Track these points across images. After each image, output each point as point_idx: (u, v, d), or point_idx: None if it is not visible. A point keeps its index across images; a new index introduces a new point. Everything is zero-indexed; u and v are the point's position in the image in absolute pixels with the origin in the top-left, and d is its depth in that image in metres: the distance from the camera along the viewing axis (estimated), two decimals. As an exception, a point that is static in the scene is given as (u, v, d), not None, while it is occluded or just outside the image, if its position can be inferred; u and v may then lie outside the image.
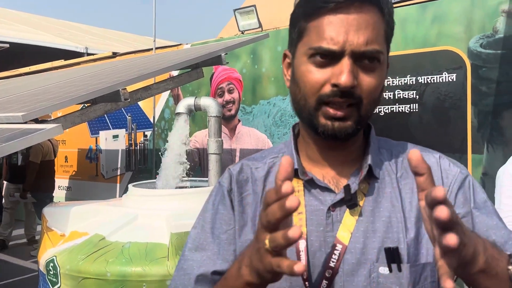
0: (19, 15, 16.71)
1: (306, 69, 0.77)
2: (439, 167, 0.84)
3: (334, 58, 0.74)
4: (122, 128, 6.21)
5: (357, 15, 0.74)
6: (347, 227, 0.78)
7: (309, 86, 0.76)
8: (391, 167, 0.84)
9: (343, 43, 0.73)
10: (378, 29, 0.76)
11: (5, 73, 7.86)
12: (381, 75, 0.78)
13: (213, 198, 0.89)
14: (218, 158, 2.64)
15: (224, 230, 0.85)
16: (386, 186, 0.82)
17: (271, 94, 4.78)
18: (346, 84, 0.72)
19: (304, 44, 0.77)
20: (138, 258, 1.79)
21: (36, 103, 2.74)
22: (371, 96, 0.76)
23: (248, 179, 0.87)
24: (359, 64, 0.74)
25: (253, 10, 5.03)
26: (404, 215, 0.80)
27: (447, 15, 3.71)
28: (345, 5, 0.74)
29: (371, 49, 0.74)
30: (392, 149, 0.87)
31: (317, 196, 0.81)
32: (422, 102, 3.86)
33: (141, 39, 17.77)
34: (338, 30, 0.73)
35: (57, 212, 2.29)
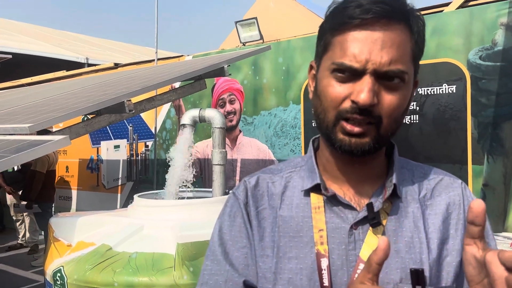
0: (21, 25, 16.80)
1: (328, 83, 0.76)
2: (462, 193, 0.85)
3: (356, 75, 0.73)
4: (124, 139, 6.24)
5: (383, 33, 0.72)
6: (371, 246, 0.77)
7: (330, 100, 0.75)
8: (413, 188, 0.83)
9: (366, 61, 0.72)
10: (404, 48, 0.74)
11: (8, 83, 7.91)
12: (405, 95, 0.76)
13: (229, 210, 0.87)
14: (222, 169, 2.67)
15: (242, 245, 0.83)
16: (408, 206, 0.81)
17: (272, 105, 4.82)
18: (365, 102, 0.71)
19: (328, 58, 0.77)
20: (145, 268, 1.80)
21: (41, 114, 2.77)
22: (392, 116, 0.75)
23: (264, 194, 0.86)
24: (382, 82, 0.73)
25: (254, 22, 5.09)
26: (427, 236, 0.79)
27: (447, 27, 3.76)
28: (371, 22, 0.72)
29: (395, 69, 0.72)
30: (413, 170, 0.87)
31: (339, 213, 0.80)
32: (422, 113, 3.90)
33: (142, 49, 17.87)
34: (361, 48, 0.72)
35: (64, 223, 2.30)
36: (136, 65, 6.28)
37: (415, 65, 0.79)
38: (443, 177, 0.87)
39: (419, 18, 0.78)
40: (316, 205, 0.81)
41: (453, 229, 0.81)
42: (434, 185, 0.85)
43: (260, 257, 0.81)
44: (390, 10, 0.72)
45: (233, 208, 0.86)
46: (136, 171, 6.09)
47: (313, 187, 0.82)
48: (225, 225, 0.86)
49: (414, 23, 0.76)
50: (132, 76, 3.98)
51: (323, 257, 0.77)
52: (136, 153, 6.09)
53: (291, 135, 4.69)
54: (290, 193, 0.84)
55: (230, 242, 0.84)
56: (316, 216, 0.80)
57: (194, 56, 5.54)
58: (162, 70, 3.95)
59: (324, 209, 0.80)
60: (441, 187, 0.85)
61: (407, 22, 0.75)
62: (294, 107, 4.63)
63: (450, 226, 0.81)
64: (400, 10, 0.74)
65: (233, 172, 4.96)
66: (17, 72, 9.20)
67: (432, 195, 0.83)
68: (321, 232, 0.78)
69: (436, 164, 0.93)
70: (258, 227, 0.83)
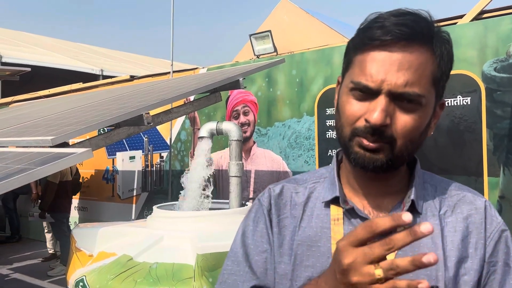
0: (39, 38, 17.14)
1: (346, 100, 0.78)
2: (484, 212, 0.84)
3: (372, 94, 0.75)
4: (139, 150, 6.31)
5: (401, 54, 0.73)
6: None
7: (346, 116, 0.77)
8: (434, 204, 0.83)
9: (381, 82, 0.73)
10: (423, 71, 0.74)
11: (26, 95, 8.06)
12: (422, 117, 0.76)
13: (253, 215, 0.91)
14: (239, 180, 2.70)
15: (263, 249, 0.86)
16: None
17: (286, 117, 4.86)
18: (376, 122, 0.72)
19: (349, 76, 0.79)
20: (165, 279, 1.84)
21: (63, 127, 2.83)
22: (407, 137, 0.75)
23: (286, 203, 0.89)
24: (398, 103, 0.74)
25: (268, 35, 5.16)
26: (445, 253, 0.79)
27: (461, 39, 3.78)
28: (391, 43, 0.73)
29: (411, 91, 0.73)
30: (437, 185, 0.87)
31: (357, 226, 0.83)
32: (437, 125, 3.90)
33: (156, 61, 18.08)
34: (378, 69, 0.73)
35: (85, 233, 2.35)
36: (152, 77, 6.37)
37: (437, 88, 0.78)
38: (466, 193, 0.86)
39: (445, 40, 0.77)
40: (335, 217, 0.83)
41: (473, 248, 0.80)
42: (456, 201, 0.85)
43: (278, 263, 0.84)
44: (410, 33, 0.73)
45: (257, 213, 0.90)
46: (151, 182, 6.15)
47: (333, 199, 0.85)
48: (248, 229, 0.89)
49: (438, 46, 0.76)
50: (149, 89, 4.05)
51: None
52: (151, 164, 6.16)
53: (305, 146, 4.71)
54: (312, 204, 0.87)
55: (251, 246, 0.87)
56: (334, 228, 0.82)
57: (208, 68, 5.61)
58: (178, 83, 4.01)
59: (343, 221, 0.82)
60: (463, 204, 0.85)
61: (430, 45, 0.75)
62: (308, 119, 4.66)
63: (469, 245, 0.80)
64: (422, 33, 0.75)
65: (247, 183, 4.99)
66: (35, 84, 9.38)
67: (453, 212, 0.84)
68: None
69: (451, 176, 0.94)
70: (278, 234, 0.86)
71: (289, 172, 4.77)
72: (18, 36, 16.11)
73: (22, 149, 2.32)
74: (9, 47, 12.87)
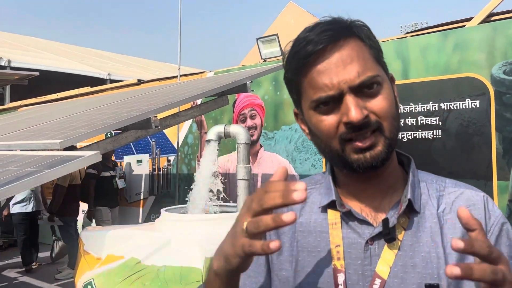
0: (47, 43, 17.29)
1: (316, 120, 0.78)
2: (483, 206, 0.83)
3: (336, 101, 0.76)
4: (146, 153, 6.33)
5: (338, 54, 0.75)
6: (387, 262, 0.77)
7: (326, 132, 0.77)
8: (431, 202, 0.83)
9: (337, 84, 0.75)
10: (363, 56, 0.77)
11: (35, 99, 8.12)
12: (388, 93, 0.78)
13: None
14: (247, 184, 2.70)
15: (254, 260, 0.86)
16: (426, 221, 0.81)
17: (293, 120, 4.85)
18: (356, 118, 0.73)
19: (306, 100, 0.79)
20: (173, 282, 1.83)
21: (71, 130, 2.85)
22: (388, 116, 0.77)
23: (283, 210, 0.86)
24: (361, 95, 0.75)
25: (275, 39, 5.16)
26: (445, 251, 0.78)
27: (469, 42, 3.76)
28: (323, 51, 0.75)
29: (365, 78, 0.75)
30: (433, 183, 0.86)
31: (355, 229, 0.80)
32: (445, 128, 3.88)
33: (163, 65, 18.16)
34: (328, 75, 0.75)
35: (93, 236, 2.36)
36: (159, 81, 6.40)
37: (382, 64, 0.81)
38: (464, 190, 0.85)
39: (361, 25, 0.81)
40: (333, 221, 0.83)
41: None
42: (454, 198, 0.84)
43: (279, 271, 0.84)
44: (335, 33, 0.76)
45: None
46: (158, 186, 6.16)
47: (329, 204, 0.84)
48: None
49: (360, 32, 0.79)
50: (157, 93, 4.06)
51: (339, 272, 0.79)
52: (158, 167, 6.17)
53: (312, 150, 4.70)
54: (309, 209, 0.87)
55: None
56: (333, 232, 0.82)
57: (216, 72, 5.62)
58: (185, 87, 4.02)
59: (341, 225, 0.82)
60: (462, 200, 0.84)
61: (354, 34, 0.78)
62: (315, 122, 4.65)
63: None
64: (343, 28, 0.78)
65: (253, 186, 4.99)
66: (43, 88, 9.45)
67: (451, 209, 0.83)
68: (338, 248, 0.80)
69: (459, 180, 0.92)
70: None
71: (296, 176, 4.76)
72: (27, 41, 16.27)
73: (31, 152, 2.33)
74: (18, 52, 13.00)
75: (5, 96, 10.48)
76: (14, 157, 2.31)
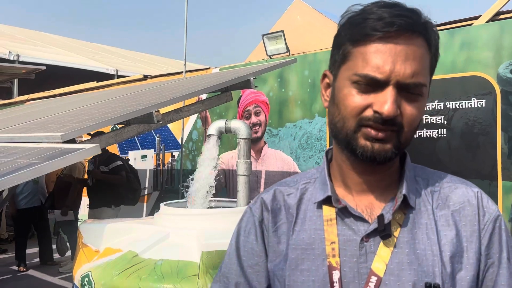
0: (55, 38, 17.38)
1: (348, 92, 0.76)
2: (477, 202, 0.81)
3: (378, 86, 0.74)
4: (151, 149, 6.34)
5: (406, 46, 0.73)
6: (382, 259, 0.76)
7: (350, 109, 0.75)
8: (427, 197, 0.82)
9: (390, 72, 0.73)
10: (424, 61, 0.75)
11: (42, 93, 8.17)
12: (422, 106, 0.77)
13: (244, 225, 0.90)
14: (247, 179, 2.69)
15: (254, 263, 0.87)
16: (422, 217, 0.80)
17: (297, 117, 4.83)
18: (389, 113, 0.72)
19: (349, 69, 0.76)
20: (170, 276, 1.83)
21: (73, 124, 2.86)
22: (412, 125, 0.76)
23: (281, 207, 0.87)
24: (403, 94, 0.74)
25: (281, 36, 5.14)
26: (440, 248, 0.77)
27: (476, 41, 3.71)
28: (395, 35, 0.73)
29: (416, 82, 0.74)
30: (428, 178, 0.85)
31: (350, 225, 0.79)
32: (450, 127, 3.84)
33: (170, 61, 18.18)
34: (385, 59, 0.73)
35: (92, 229, 2.36)
36: (165, 77, 6.41)
37: (431, 78, 0.80)
38: (457, 185, 0.84)
39: (435, 32, 0.79)
40: (328, 218, 0.81)
41: (467, 242, 0.78)
42: (448, 194, 0.83)
43: (280, 270, 0.83)
44: (412, 24, 0.74)
45: (248, 224, 0.90)
46: (162, 181, 6.17)
47: (325, 199, 0.83)
48: (241, 239, 0.90)
49: (432, 37, 0.77)
50: (161, 88, 4.06)
51: (334, 270, 0.78)
52: (163, 163, 6.18)
53: (316, 147, 4.68)
54: (305, 206, 0.86)
55: (244, 257, 0.88)
56: (328, 229, 0.81)
57: (221, 68, 5.61)
58: (189, 82, 4.02)
59: (336, 221, 0.80)
60: (455, 196, 0.82)
61: (427, 36, 0.76)
62: (319, 120, 4.64)
63: (463, 239, 0.78)
64: (420, 24, 0.76)
65: (257, 183, 4.98)
66: (50, 83, 9.50)
67: (445, 204, 0.82)
68: (333, 245, 0.79)
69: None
70: (278, 243, 0.85)
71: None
72: (35, 36, 16.36)
73: (32, 144, 2.34)
74: (27, 47, 13.07)
75: (13, 90, 10.55)
76: (15, 149, 2.32)
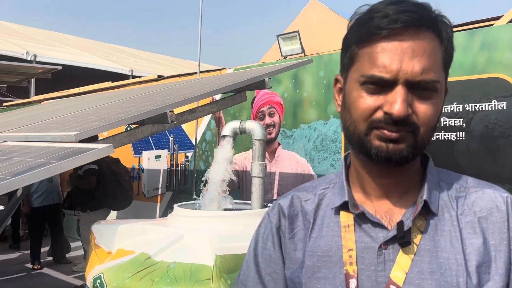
0: (71, 39, 17.57)
1: (358, 95, 0.74)
2: (506, 207, 0.77)
3: (387, 86, 0.71)
4: (165, 149, 6.35)
5: (413, 42, 0.70)
6: (402, 267, 0.73)
7: (360, 111, 0.73)
8: (451, 203, 0.78)
9: (397, 71, 0.70)
10: (436, 56, 0.72)
11: (57, 93, 8.24)
12: (438, 103, 0.74)
13: (262, 231, 0.89)
14: (262, 181, 2.65)
15: (272, 270, 0.85)
16: (445, 224, 0.76)
17: (312, 119, 4.78)
18: (399, 114, 0.69)
19: (356, 71, 0.75)
20: (183, 279, 1.80)
21: (88, 123, 2.85)
22: (428, 124, 0.73)
23: (298, 214, 0.85)
24: (414, 92, 0.71)
25: (296, 36, 5.10)
26: (465, 257, 0.73)
27: (497, 42, 3.62)
28: (400, 31, 0.70)
29: (427, 78, 0.71)
30: (453, 183, 0.81)
31: (369, 232, 0.76)
32: (470, 130, 3.76)
33: (184, 63, 18.25)
34: (391, 58, 0.70)
35: (105, 230, 2.35)
36: (179, 77, 6.41)
37: (446, 72, 0.77)
38: (485, 190, 0.79)
39: (446, 24, 0.75)
40: (346, 224, 0.79)
41: (496, 250, 0.73)
42: (475, 199, 0.78)
43: (297, 278, 0.81)
44: (419, 18, 0.71)
45: (266, 230, 0.88)
46: (175, 181, 6.17)
47: (342, 205, 0.80)
48: (259, 246, 0.88)
49: (443, 30, 0.74)
50: (175, 88, 4.05)
51: (351, 278, 0.75)
52: (176, 163, 6.18)
53: (331, 149, 4.62)
54: (322, 212, 0.84)
55: (262, 264, 0.86)
56: (345, 235, 0.78)
57: (235, 69, 5.59)
58: (204, 82, 4.00)
59: (354, 227, 0.78)
60: (482, 201, 0.78)
61: (436, 29, 0.73)
62: (334, 121, 4.57)
63: (491, 248, 0.74)
64: (428, 17, 0.72)
65: (270, 185, 4.94)
66: (66, 83, 9.60)
67: (471, 211, 0.77)
68: (350, 252, 0.76)
69: None
70: (294, 250, 0.83)
71: (314, 175, 4.69)
72: (52, 36, 16.56)
73: (46, 143, 2.33)
74: (44, 47, 13.24)
75: (30, 90, 10.68)
76: (29, 148, 2.31)
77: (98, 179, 5.16)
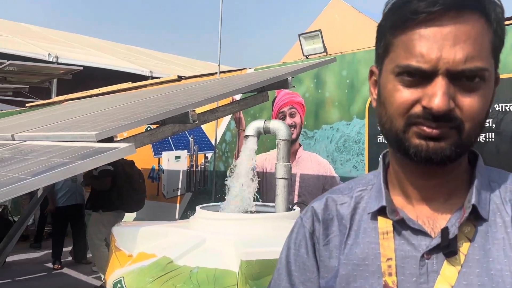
0: (92, 40, 17.80)
1: (393, 87, 0.67)
2: None
3: (426, 77, 0.64)
4: (184, 150, 6.32)
5: (454, 27, 0.62)
6: (447, 280, 0.66)
7: (396, 106, 0.66)
8: (504, 207, 0.70)
9: (436, 60, 0.62)
10: (482, 41, 0.64)
11: (79, 93, 8.31)
12: (486, 94, 0.66)
13: (294, 236, 0.83)
14: (286, 183, 2.56)
15: (306, 279, 0.79)
16: (497, 231, 0.68)
17: (334, 119, 4.68)
18: (439, 108, 0.62)
19: (391, 61, 0.68)
20: (207, 285, 1.73)
21: (108, 123, 2.81)
22: (475, 119, 0.65)
23: (333, 218, 0.79)
24: (458, 83, 0.64)
25: (318, 35, 5.01)
26: None
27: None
28: (439, 15, 0.62)
29: (472, 67, 0.63)
30: (506, 184, 0.73)
31: (410, 239, 0.69)
32: (499, 131, 3.62)
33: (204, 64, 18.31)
34: (430, 46, 0.63)
35: (126, 232, 2.29)
36: (199, 77, 6.37)
37: (496, 58, 0.68)
38: None
39: (495, 2, 0.66)
40: (384, 230, 0.72)
41: None
42: None
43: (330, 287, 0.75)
44: (461, 1, 0.62)
45: (299, 235, 0.82)
46: (195, 182, 6.14)
47: (380, 209, 0.73)
48: (291, 252, 0.83)
49: (491, 10, 0.65)
50: (196, 88, 4.00)
51: None
52: (196, 164, 6.14)
53: (354, 150, 4.51)
54: (359, 216, 0.77)
55: (295, 273, 0.81)
56: (384, 243, 0.71)
57: (256, 68, 5.52)
58: (225, 82, 3.94)
59: (394, 234, 0.71)
60: None
61: (482, 10, 0.64)
62: (358, 122, 4.46)
63: None
64: None
65: (292, 186, 4.85)
66: (87, 83, 9.68)
67: None
68: (389, 262, 0.70)
69: None
70: (329, 258, 0.77)
71: (336, 177, 4.59)
72: (73, 38, 16.79)
73: (67, 143, 2.30)
74: (65, 49, 13.42)
75: (52, 90, 10.82)
76: (49, 148, 2.28)
77: (112, 180, 5.15)
